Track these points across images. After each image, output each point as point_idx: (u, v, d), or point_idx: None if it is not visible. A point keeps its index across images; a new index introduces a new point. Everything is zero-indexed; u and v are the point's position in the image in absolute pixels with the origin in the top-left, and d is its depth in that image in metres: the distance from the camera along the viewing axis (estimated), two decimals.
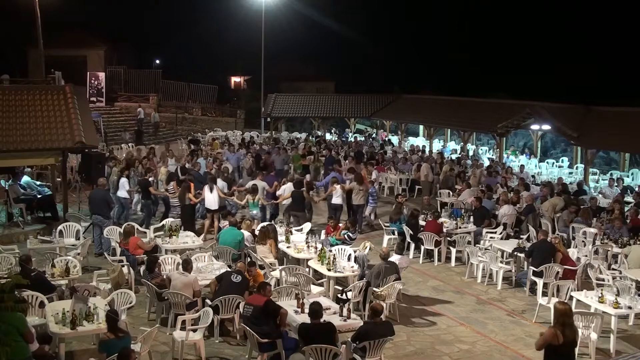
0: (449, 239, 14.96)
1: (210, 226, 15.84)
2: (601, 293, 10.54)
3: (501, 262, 13.56)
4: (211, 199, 15.72)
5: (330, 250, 12.50)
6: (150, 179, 17.91)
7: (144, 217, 16.60)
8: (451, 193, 19.64)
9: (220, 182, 16.79)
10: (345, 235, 13.90)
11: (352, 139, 33.96)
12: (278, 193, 16.82)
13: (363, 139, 34.74)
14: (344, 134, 38.36)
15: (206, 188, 15.90)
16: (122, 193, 16.33)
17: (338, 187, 16.91)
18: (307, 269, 12.17)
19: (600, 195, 19.39)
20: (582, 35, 44.49)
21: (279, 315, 8.99)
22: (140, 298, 11.12)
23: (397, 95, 35.82)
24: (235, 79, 56.50)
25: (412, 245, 15.05)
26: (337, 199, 16.88)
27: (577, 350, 7.80)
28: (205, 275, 11.34)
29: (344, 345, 8.71)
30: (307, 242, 13.23)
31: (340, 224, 14.42)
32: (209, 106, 40.57)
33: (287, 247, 13.23)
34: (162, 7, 50.08)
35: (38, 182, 18.73)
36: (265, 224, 14.19)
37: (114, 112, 35.95)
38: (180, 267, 10.95)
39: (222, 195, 16.03)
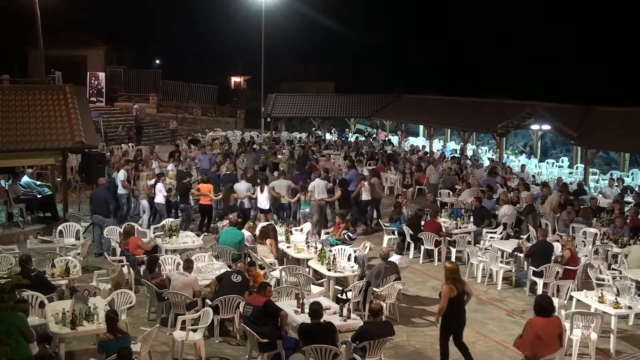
0: (449, 239, 14.95)
1: None
2: (601, 293, 10.55)
3: (501, 262, 13.56)
4: (262, 199, 16.11)
5: (330, 250, 12.51)
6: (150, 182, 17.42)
7: (182, 221, 16.28)
8: (451, 193, 19.64)
9: (245, 184, 16.78)
10: (345, 235, 13.90)
11: (352, 139, 33.96)
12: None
13: (363, 139, 34.74)
14: (344, 134, 38.37)
15: (257, 188, 16.29)
16: (160, 199, 16.12)
17: (366, 183, 17.30)
18: (307, 269, 12.18)
19: (600, 195, 19.38)
20: (582, 36, 44.47)
21: (279, 317, 9.00)
22: (140, 298, 11.12)
23: (397, 95, 35.80)
24: (235, 79, 56.48)
25: (412, 245, 15.05)
26: (366, 196, 17.24)
27: (465, 299, 9.23)
28: (205, 275, 11.35)
29: (344, 345, 8.71)
30: (307, 242, 13.24)
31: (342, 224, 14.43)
32: (209, 106, 40.55)
33: (287, 247, 13.24)
34: (162, 7, 50.05)
35: (38, 182, 18.72)
36: (265, 223, 14.20)
37: (114, 112, 35.97)
38: (181, 267, 10.96)
39: (273, 193, 16.35)
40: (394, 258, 11.97)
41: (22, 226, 15.88)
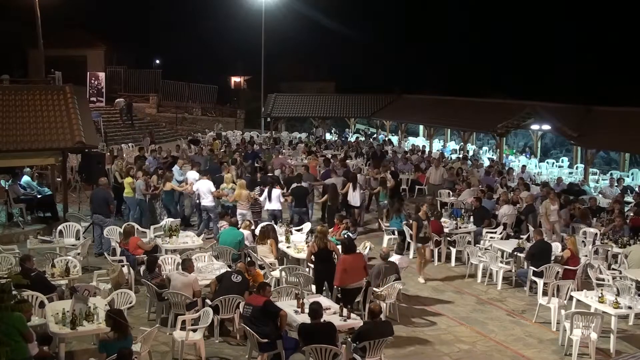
0: (449, 239, 14.95)
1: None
2: (601, 293, 10.54)
3: (501, 262, 13.56)
4: (355, 196, 16.82)
5: None
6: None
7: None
8: (451, 193, 19.63)
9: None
10: (345, 236, 13.88)
11: (353, 139, 33.94)
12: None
13: (363, 139, 34.73)
14: (344, 133, 38.38)
15: (350, 185, 16.97)
16: (277, 205, 15.66)
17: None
18: (307, 269, 12.17)
19: (600, 195, 19.38)
20: (582, 35, 44.46)
21: (279, 317, 9.00)
22: (140, 298, 11.13)
23: (397, 95, 35.81)
24: (235, 79, 56.45)
25: (412, 245, 15.03)
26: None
27: (334, 255, 11.49)
28: (205, 275, 11.34)
29: (344, 345, 8.71)
30: (307, 242, 13.22)
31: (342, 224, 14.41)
32: (209, 106, 40.57)
33: (287, 247, 13.23)
34: (162, 6, 49.98)
35: (36, 183, 18.69)
36: (265, 223, 14.20)
37: (114, 112, 35.94)
38: (180, 267, 10.95)
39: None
40: (394, 258, 11.96)
41: (22, 226, 15.87)
